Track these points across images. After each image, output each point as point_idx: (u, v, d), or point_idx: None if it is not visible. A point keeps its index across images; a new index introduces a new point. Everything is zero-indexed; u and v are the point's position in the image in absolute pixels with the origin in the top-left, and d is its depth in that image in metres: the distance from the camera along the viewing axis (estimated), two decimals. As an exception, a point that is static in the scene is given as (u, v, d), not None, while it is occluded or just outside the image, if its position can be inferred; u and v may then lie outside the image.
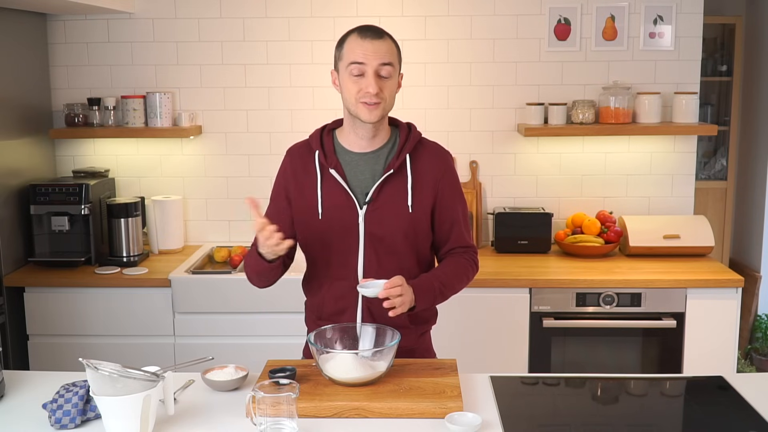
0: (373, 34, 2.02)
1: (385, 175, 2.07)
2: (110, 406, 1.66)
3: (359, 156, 2.10)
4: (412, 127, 2.17)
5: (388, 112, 2.08)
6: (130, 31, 3.68)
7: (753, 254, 4.27)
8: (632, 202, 3.76)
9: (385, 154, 2.11)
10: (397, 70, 2.05)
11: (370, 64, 1.99)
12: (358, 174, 2.09)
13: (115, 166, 3.77)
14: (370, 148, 2.10)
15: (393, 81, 2.04)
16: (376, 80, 2.00)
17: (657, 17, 3.62)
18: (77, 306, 3.25)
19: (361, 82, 2.01)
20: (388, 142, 2.12)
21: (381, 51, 2.00)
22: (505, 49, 3.66)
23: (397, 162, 2.08)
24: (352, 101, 2.03)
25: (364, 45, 2.00)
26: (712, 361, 3.23)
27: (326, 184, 2.09)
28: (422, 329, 2.20)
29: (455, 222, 2.16)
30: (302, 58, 3.67)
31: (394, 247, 2.09)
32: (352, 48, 2.02)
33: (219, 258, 3.55)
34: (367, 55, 1.99)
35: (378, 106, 2.01)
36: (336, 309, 2.12)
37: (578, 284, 3.21)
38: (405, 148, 2.10)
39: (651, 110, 3.57)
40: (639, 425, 1.92)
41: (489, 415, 1.85)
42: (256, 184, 3.76)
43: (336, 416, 1.82)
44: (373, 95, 1.99)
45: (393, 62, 2.02)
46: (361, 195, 2.08)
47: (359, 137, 2.09)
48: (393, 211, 2.08)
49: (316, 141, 2.13)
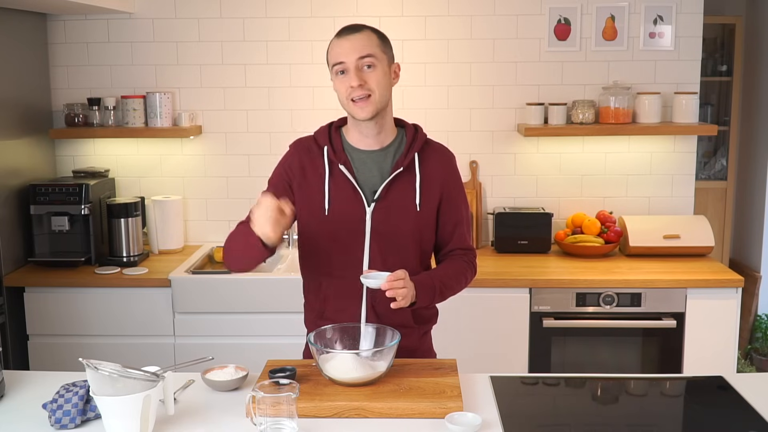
0: (349, 30, 2.04)
1: (394, 173, 2.07)
2: (110, 406, 1.66)
3: (367, 153, 2.11)
4: (418, 127, 2.18)
5: (384, 105, 2.05)
6: (130, 31, 3.68)
7: (753, 254, 4.27)
8: (632, 202, 3.76)
9: (392, 153, 2.11)
10: (382, 60, 2.03)
11: (349, 60, 2.00)
12: (366, 171, 2.10)
13: (115, 166, 3.77)
14: (378, 145, 2.11)
15: (378, 71, 2.02)
16: (357, 74, 2.00)
17: (657, 17, 3.62)
18: (77, 306, 3.25)
19: (345, 79, 2.02)
20: (395, 141, 2.13)
21: (357, 45, 2.00)
22: (505, 49, 3.66)
23: (406, 160, 2.09)
24: (344, 101, 2.05)
25: (341, 43, 2.02)
26: (712, 361, 3.23)
27: (334, 181, 2.09)
28: (424, 329, 2.21)
29: (459, 223, 2.16)
30: (302, 58, 3.67)
31: (399, 245, 2.09)
32: (333, 50, 2.04)
33: (219, 258, 3.55)
34: (346, 52, 2.01)
35: (368, 100, 2.01)
36: (339, 307, 2.11)
37: (578, 284, 3.21)
38: (413, 147, 2.11)
39: (651, 110, 3.57)
40: (639, 425, 1.92)
41: (489, 415, 1.85)
42: (256, 184, 3.76)
43: (336, 416, 1.82)
44: (357, 88, 1.99)
45: (373, 53, 2.01)
46: (369, 192, 2.08)
47: (364, 135, 2.10)
48: (401, 209, 2.08)
49: (324, 137, 2.13)
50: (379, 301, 2.06)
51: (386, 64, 2.05)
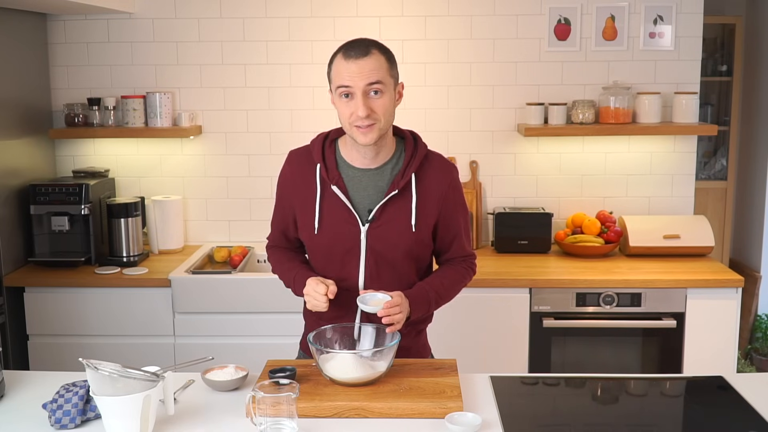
0: (357, 52, 1.93)
1: (388, 195, 2.03)
2: (110, 406, 1.66)
3: (362, 172, 2.06)
4: (417, 138, 2.11)
5: (386, 129, 2.00)
6: (130, 31, 3.68)
7: (753, 254, 4.27)
8: (632, 202, 3.76)
9: (389, 170, 2.06)
10: (389, 85, 1.96)
11: (357, 86, 1.92)
12: (360, 190, 2.06)
13: (115, 166, 3.77)
14: (374, 164, 2.05)
15: (385, 97, 1.95)
16: (365, 101, 1.92)
17: (657, 17, 3.62)
18: (77, 306, 3.25)
19: (351, 104, 1.94)
20: (393, 157, 2.07)
21: (365, 70, 1.92)
22: (505, 49, 3.66)
23: (402, 181, 2.04)
24: (346, 125, 1.99)
25: (349, 66, 1.92)
26: (712, 361, 3.23)
27: (327, 200, 2.06)
28: (418, 328, 2.20)
29: (457, 236, 2.15)
30: (302, 58, 3.67)
31: (394, 261, 2.08)
32: (339, 71, 1.95)
33: (219, 258, 3.55)
34: (353, 77, 1.92)
35: (372, 128, 1.95)
36: (335, 314, 2.10)
37: (578, 284, 3.21)
38: (410, 166, 2.05)
39: (651, 110, 3.56)
40: (639, 425, 1.92)
41: (489, 415, 1.85)
42: (256, 184, 3.76)
43: (336, 416, 1.82)
44: (363, 118, 1.93)
45: (381, 79, 1.93)
46: (364, 211, 2.05)
47: (362, 155, 2.05)
48: (396, 230, 2.05)
49: (318, 152, 2.08)
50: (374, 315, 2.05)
51: (393, 88, 2.00)
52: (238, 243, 3.74)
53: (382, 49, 1.99)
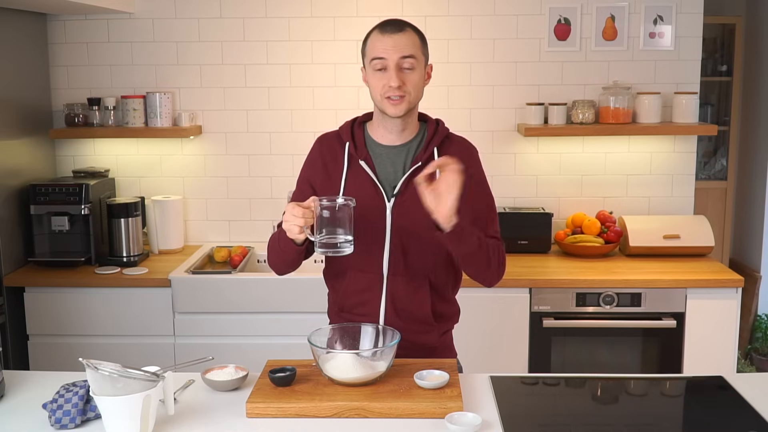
0: (393, 27, 2.04)
1: (412, 168, 2.08)
2: (110, 406, 1.66)
3: (388, 149, 2.12)
4: (440, 122, 2.19)
5: (415, 105, 2.09)
6: (130, 31, 3.68)
7: (753, 254, 4.27)
8: (632, 202, 3.76)
9: (413, 148, 2.13)
10: (421, 61, 2.05)
11: (391, 58, 2.01)
12: (387, 166, 2.11)
13: (115, 166, 3.77)
14: (399, 141, 2.12)
15: (417, 73, 2.04)
16: (398, 74, 2.01)
17: (657, 17, 3.62)
18: (77, 306, 3.25)
19: (384, 77, 2.02)
20: (417, 136, 2.14)
21: (400, 44, 2.01)
22: (505, 49, 3.66)
23: (425, 155, 2.09)
24: (377, 97, 2.05)
25: (384, 40, 2.03)
26: (712, 361, 3.23)
27: (354, 176, 2.10)
28: (444, 327, 2.19)
29: (480, 215, 2.11)
30: (302, 58, 3.67)
31: (420, 239, 2.07)
32: (374, 44, 2.05)
33: (219, 258, 3.55)
34: (387, 49, 2.01)
35: (402, 99, 2.03)
36: (359, 300, 2.12)
37: (578, 284, 3.21)
38: (433, 142, 2.12)
39: (651, 110, 3.57)
40: (639, 425, 1.92)
41: (489, 415, 1.85)
42: (256, 184, 3.76)
43: (336, 416, 1.82)
44: (395, 89, 2.01)
45: (415, 54, 2.03)
46: (389, 188, 2.10)
47: (388, 131, 2.11)
48: (420, 204, 2.03)
49: (347, 132, 2.15)
50: (399, 296, 2.08)
51: (423, 65, 2.08)
52: (238, 243, 3.74)
53: (416, 29, 2.09)
